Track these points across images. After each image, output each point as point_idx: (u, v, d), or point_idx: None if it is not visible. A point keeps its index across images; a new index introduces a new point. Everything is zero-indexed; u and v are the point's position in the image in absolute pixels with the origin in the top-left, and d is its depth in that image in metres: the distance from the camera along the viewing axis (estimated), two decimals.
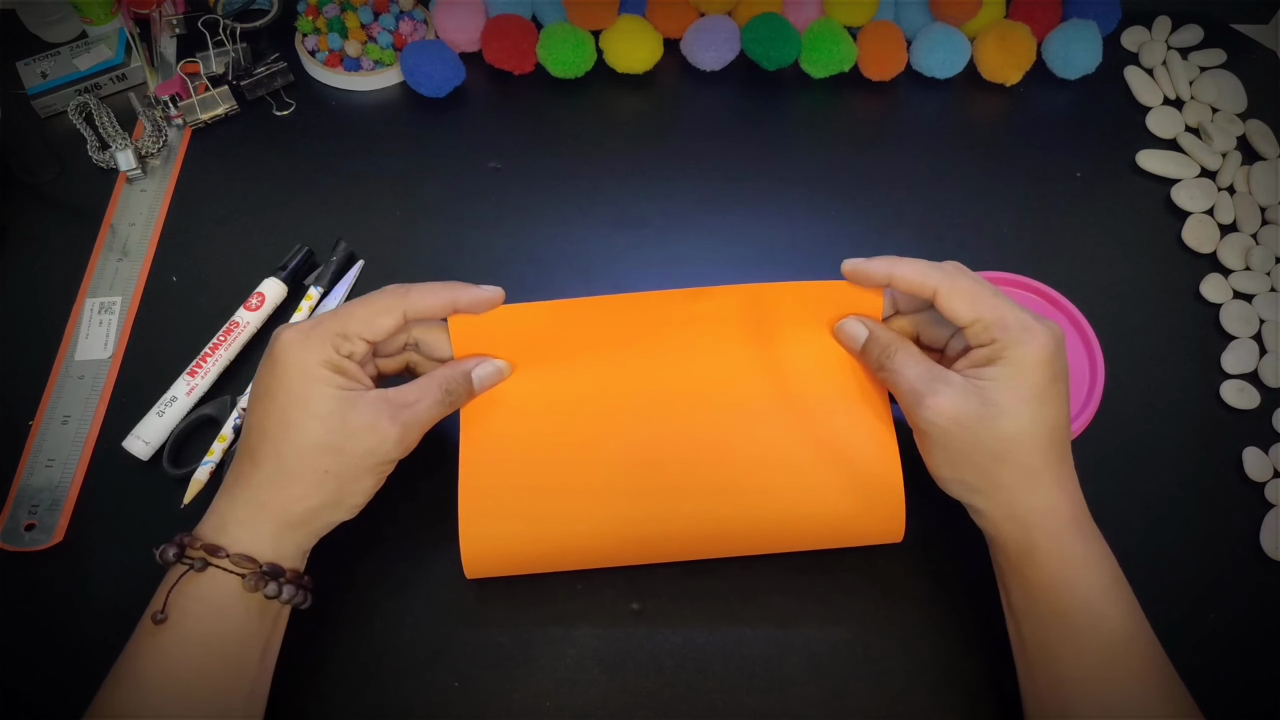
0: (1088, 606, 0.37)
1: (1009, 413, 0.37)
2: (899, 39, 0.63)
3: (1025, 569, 0.38)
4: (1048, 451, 0.38)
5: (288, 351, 0.38)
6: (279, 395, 0.38)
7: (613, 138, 0.61)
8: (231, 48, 0.62)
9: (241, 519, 0.38)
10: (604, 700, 0.41)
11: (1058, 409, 0.38)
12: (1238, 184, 0.59)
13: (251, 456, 0.38)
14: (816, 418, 0.43)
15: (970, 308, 0.39)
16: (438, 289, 0.41)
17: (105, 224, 0.56)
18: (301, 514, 0.38)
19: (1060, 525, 0.38)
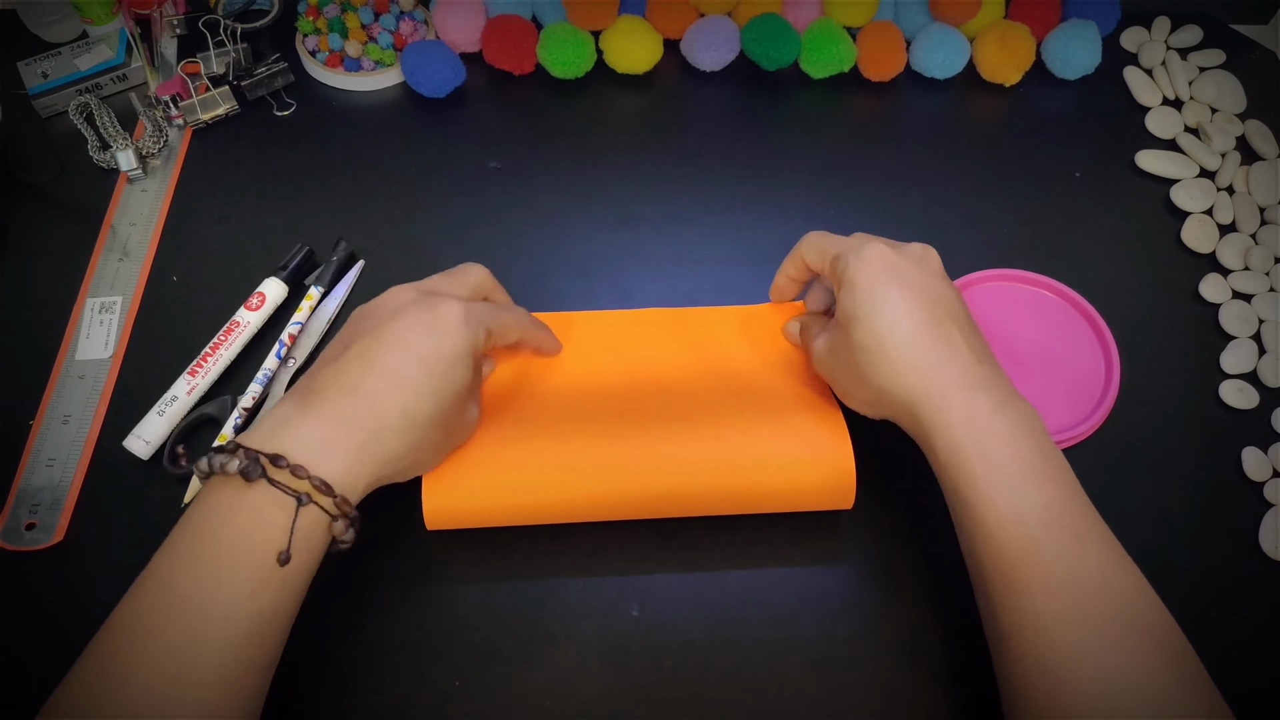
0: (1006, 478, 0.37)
1: (856, 322, 0.40)
2: (899, 39, 0.63)
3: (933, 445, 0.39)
4: (912, 340, 0.39)
5: (456, 327, 0.38)
6: (427, 358, 0.37)
7: (613, 138, 0.61)
8: (232, 48, 0.62)
9: (327, 440, 0.36)
10: (604, 699, 0.41)
11: (900, 299, 0.40)
12: (1237, 184, 0.59)
13: (355, 390, 0.37)
14: (767, 400, 0.46)
15: (817, 255, 0.44)
16: (546, 335, 0.45)
17: (106, 224, 0.56)
18: (386, 457, 0.37)
19: (955, 393, 0.38)
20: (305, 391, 0.38)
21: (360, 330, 0.39)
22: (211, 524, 0.35)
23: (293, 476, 0.35)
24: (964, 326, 0.41)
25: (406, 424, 0.37)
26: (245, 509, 0.34)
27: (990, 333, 0.52)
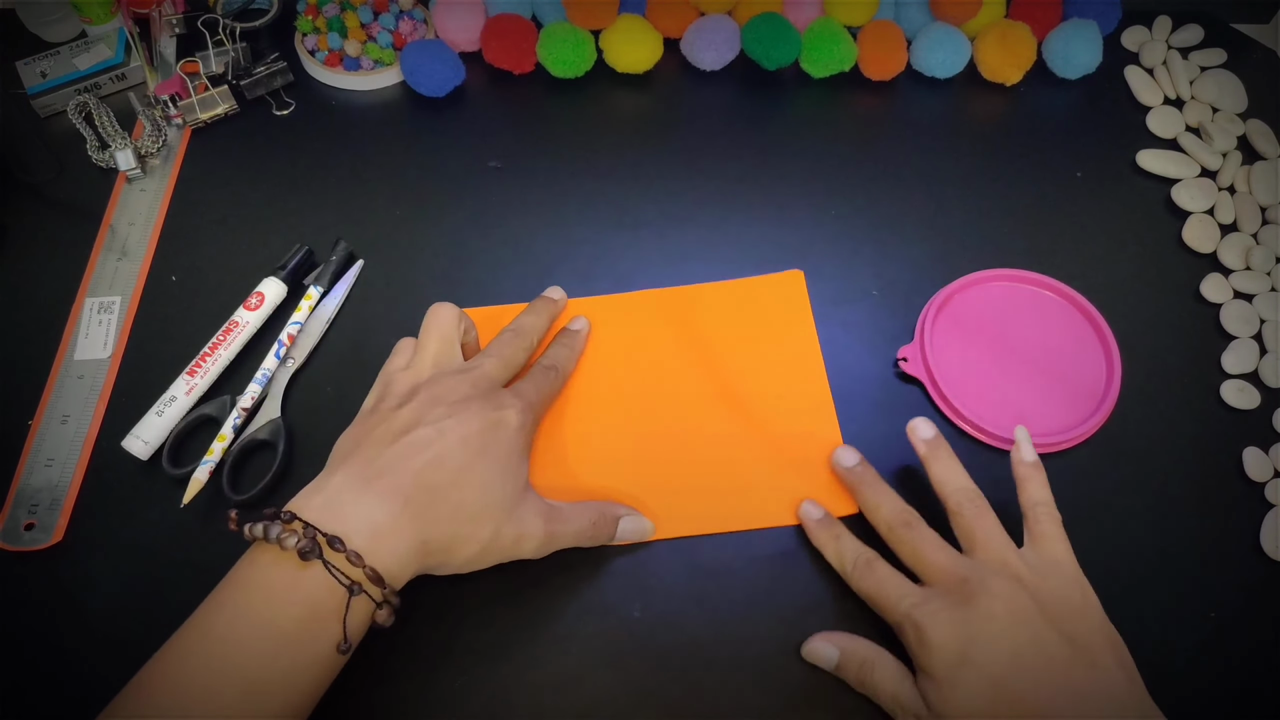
0: None
1: (935, 705, 0.37)
2: (899, 38, 0.63)
3: None
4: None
5: (519, 430, 0.41)
6: (491, 461, 0.39)
7: (613, 138, 0.61)
8: (231, 47, 0.62)
9: (386, 528, 0.36)
10: (607, 699, 0.41)
11: (973, 691, 0.36)
12: (1238, 184, 0.59)
13: (418, 483, 0.37)
14: (760, 407, 0.49)
15: (870, 598, 0.41)
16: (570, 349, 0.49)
17: (105, 223, 0.56)
18: (438, 552, 0.38)
19: None
20: (366, 468, 0.37)
21: (421, 415, 0.39)
22: (265, 598, 0.35)
23: (348, 563, 0.35)
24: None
25: (465, 519, 0.38)
26: (301, 589, 0.34)
27: (990, 333, 0.52)
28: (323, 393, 0.50)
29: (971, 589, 0.38)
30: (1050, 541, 0.40)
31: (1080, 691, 0.35)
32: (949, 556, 0.40)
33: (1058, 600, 0.38)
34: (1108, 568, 0.45)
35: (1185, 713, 0.42)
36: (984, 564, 0.39)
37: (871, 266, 0.55)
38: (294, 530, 0.35)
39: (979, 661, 0.36)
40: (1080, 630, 0.37)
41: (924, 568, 0.40)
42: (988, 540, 0.40)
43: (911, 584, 0.40)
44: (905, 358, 0.51)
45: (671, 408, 0.49)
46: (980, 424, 0.48)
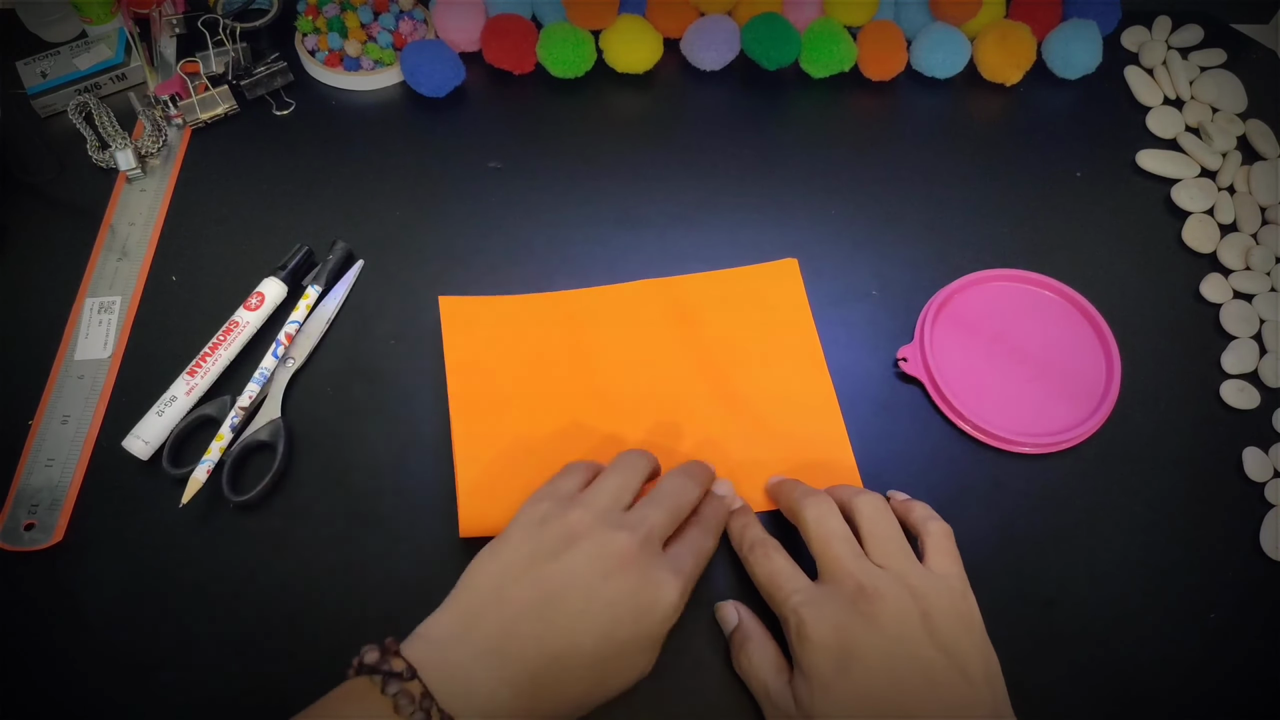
0: None
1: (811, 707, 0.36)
2: (899, 39, 0.63)
3: None
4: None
5: (671, 611, 0.37)
6: (630, 642, 0.36)
7: (613, 138, 0.61)
8: (231, 47, 0.62)
9: (495, 713, 0.33)
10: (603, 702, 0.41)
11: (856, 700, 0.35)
12: (1238, 184, 0.59)
13: (549, 666, 0.34)
14: (759, 394, 0.49)
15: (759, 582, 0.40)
16: (723, 514, 0.43)
17: (105, 224, 0.56)
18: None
19: None
20: (504, 637, 0.35)
21: (574, 571, 0.36)
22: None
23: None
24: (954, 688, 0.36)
25: (586, 702, 0.36)
26: None
27: (990, 333, 0.52)
28: (323, 393, 0.50)
29: (865, 594, 0.37)
30: (943, 556, 0.40)
31: (949, 705, 0.35)
32: (854, 557, 0.39)
33: (943, 613, 0.37)
34: (1108, 568, 0.45)
35: (1186, 713, 0.42)
36: (882, 573, 0.38)
37: (871, 266, 0.55)
38: (411, 695, 0.32)
39: (856, 671, 0.36)
40: (961, 645, 0.37)
41: (827, 560, 0.39)
42: (887, 547, 0.39)
43: (806, 578, 0.39)
44: (905, 358, 0.51)
45: (669, 396, 0.49)
46: (980, 424, 0.48)
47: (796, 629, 0.37)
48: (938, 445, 0.49)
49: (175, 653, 0.42)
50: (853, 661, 0.36)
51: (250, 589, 0.43)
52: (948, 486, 0.47)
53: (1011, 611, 0.44)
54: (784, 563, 0.40)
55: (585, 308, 0.52)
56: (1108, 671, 0.43)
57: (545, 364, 0.50)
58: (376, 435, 0.48)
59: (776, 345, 0.51)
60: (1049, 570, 0.45)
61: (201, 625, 0.42)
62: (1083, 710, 0.41)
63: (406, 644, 0.35)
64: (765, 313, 0.52)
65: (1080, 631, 0.44)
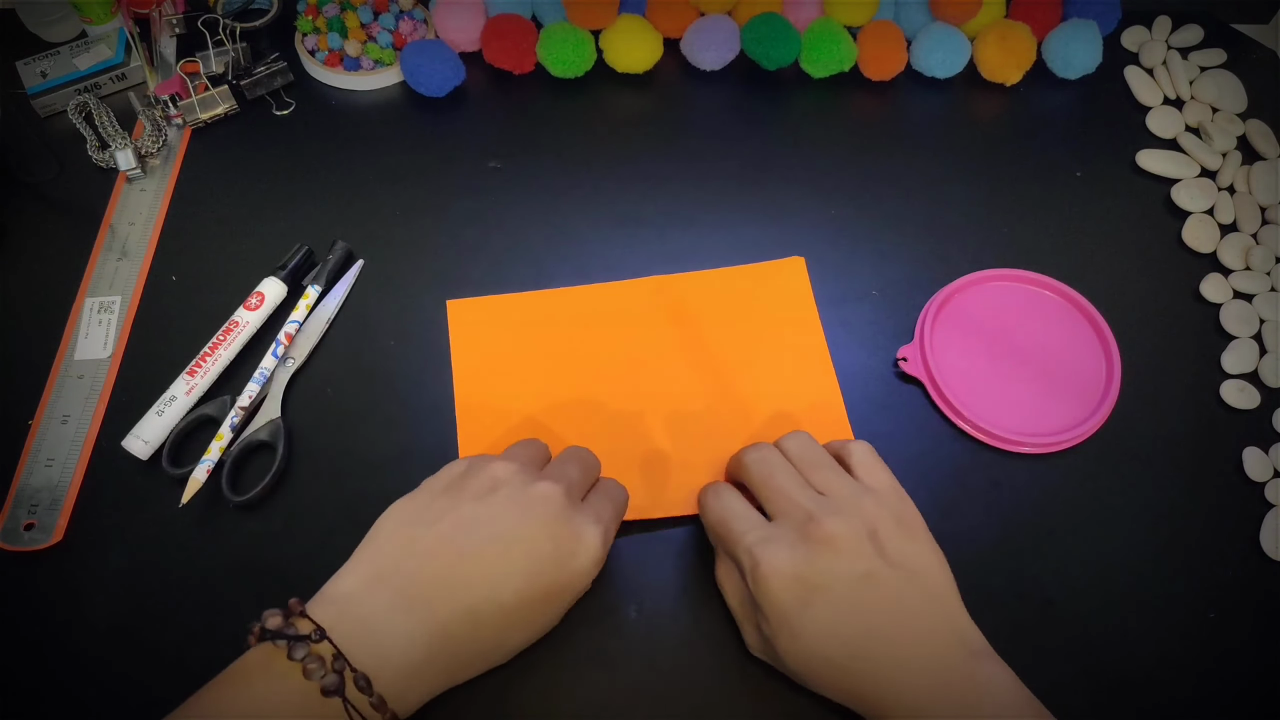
0: None
1: (785, 659, 0.37)
2: (899, 39, 0.63)
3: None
4: (841, 665, 0.36)
5: (592, 564, 0.36)
6: (554, 592, 0.36)
7: (613, 138, 0.61)
8: (231, 47, 0.62)
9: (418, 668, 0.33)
10: (601, 701, 0.41)
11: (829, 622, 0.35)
12: (1238, 184, 0.59)
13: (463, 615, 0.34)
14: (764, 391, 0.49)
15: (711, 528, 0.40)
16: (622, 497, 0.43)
17: (105, 223, 0.56)
18: (459, 680, 0.36)
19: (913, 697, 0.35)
20: (413, 587, 0.34)
21: (487, 522, 0.35)
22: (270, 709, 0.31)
23: (370, 708, 0.32)
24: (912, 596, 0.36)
25: (497, 654, 0.37)
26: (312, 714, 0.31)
27: (990, 333, 0.52)
28: (323, 393, 0.50)
29: (815, 520, 0.37)
30: (872, 470, 0.40)
31: (911, 615, 0.36)
32: (798, 487, 0.39)
33: (888, 526, 0.37)
34: (1107, 568, 0.45)
35: (1185, 712, 0.42)
36: (826, 499, 0.38)
37: (871, 266, 0.55)
38: (321, 658, 0.31)
39: (818, 605, 0.35)
40: (909, 553, 0.37)
41: (771, 493, 0.39)
42: (822, 474, 0.40)
43: (759, 516, 0.39)
44: (905, 358, 0.51)
45: (675, 391, 0.49)
46: (980, 424, 0.48)
47: (752, 570, 0.36)
48: (938, 445, 0.49)
49: (175, 652, 0.42)
50: (813, 594, 0.35)
51: (250, 589, 0.43)
52: (948, 486, 0.47)
53: (1011, 611, 0.44)
54: (735, 502, 0.40)
55: (592, 304, 0.52)
56: (1107, 671, 0.43)
57: (552, 361, 0.50)
58: (376, 435, 0.48)
59: (782, 343, 0.51)
60: (1049, 570, 0.45)
61: (202, 625, 0.42)
62: (1083, 710, 0.41)
63: (312, 604, 0.34)
64: (772, 310, 0.52)
65: (1080, 631, 0.44)
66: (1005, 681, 0.35)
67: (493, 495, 0.36)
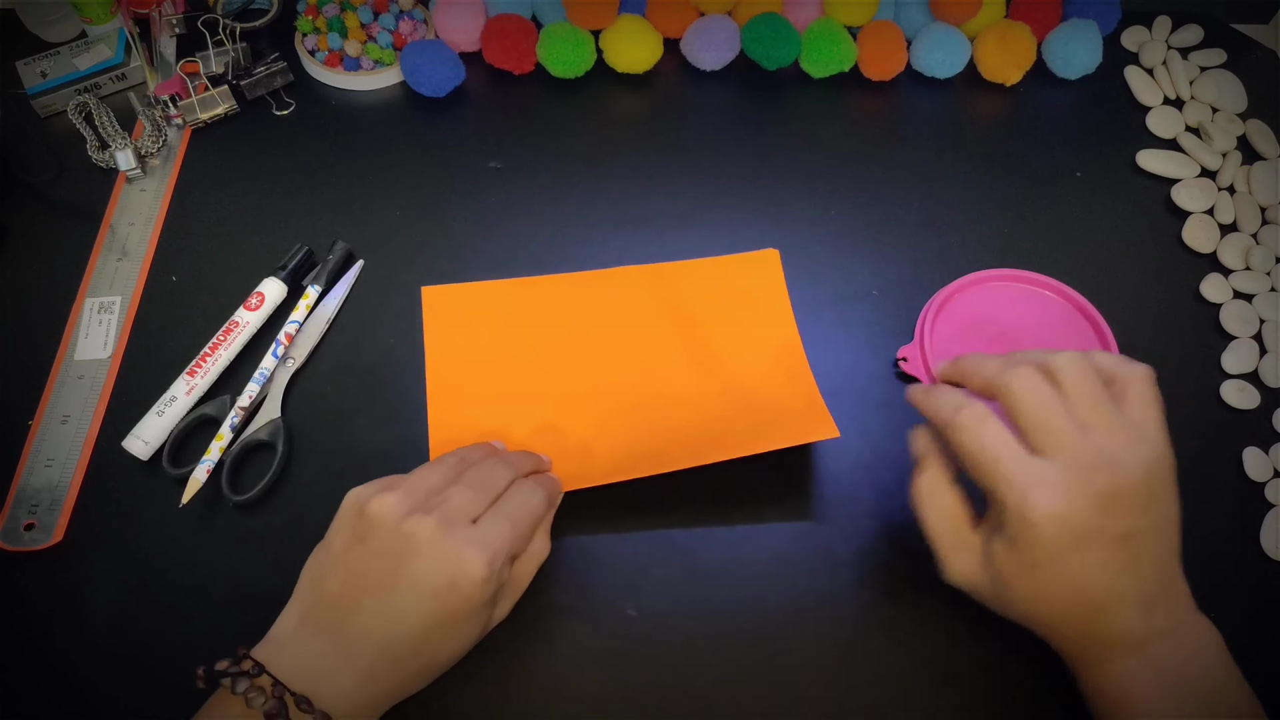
0: None
1: (1015, 592, 0.36)
2: (899, 39, 0.63)
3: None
4: (1082, 619, 0.36)
5: (479, 583, 0.36)
6: (449, 617, 0.36)
7: (613, 138, 0.61)
8: (231, 47, 0.62)
9: (352, 690, 0.36)
10: (601, 697, 0.41)
11: (1083, 576, 0.35)
12: (1238, 184, 0.59)
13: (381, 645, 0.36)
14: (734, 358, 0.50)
15: (969, 455, 0.36)
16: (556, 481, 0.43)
17: (105, 224, 0.56)
18: (399, 698, 0.38)
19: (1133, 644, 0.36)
20: (333, 629, 0.36)
21: (373, 563, 0.37)
22: None
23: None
24: (1154, 563, 0.37)
25: (429, 672, 0.38)
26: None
27: (990, 333, 0.52)
28: (323, 393, 0.50)
29: (1107, 470, 0.35)
30: (1147, 408, 0.37)
31: (1151, 565, 0.37)
32: (1077, 430, 0.35)
33: (1156, 478, 0.36)
34: None
35: None
36: (1108, 448, 0.35)
37: (871, 266, 0.55)
38: (261, 689, 0.34)
39: (1073, 558, 0.35)
40: (1165, 508, 0.37)
41: (1048, 433, 0.35)
42: (1099, 410, 0.36)
43: (1024, 450, 0.36)
44: (905, 357, 0.51)
45: (647, 379, 0.49)
46: None
47: (1020, 508, 0.34)
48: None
49: (175, 652, 0.42)
50: (1076, 545, 0.35)
51: (250, 589, 0.43)
52: None
53: None
54: (1001, 429, 0.36)
55: (566, 291, 0.53)
56: None
57: (524, 348, 0.51)
58: (376, 435, 0.48)
59: (755, 331, 0.51)
60: None
61: (201, 625, 0.42)
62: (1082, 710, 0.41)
63: (257, 648, 0.37)
64: (745, 299, 0.52)
65: None
66: (1216, 638, 0.37)
67: (371, 536, 0.37)
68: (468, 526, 0.37)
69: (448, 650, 0.38)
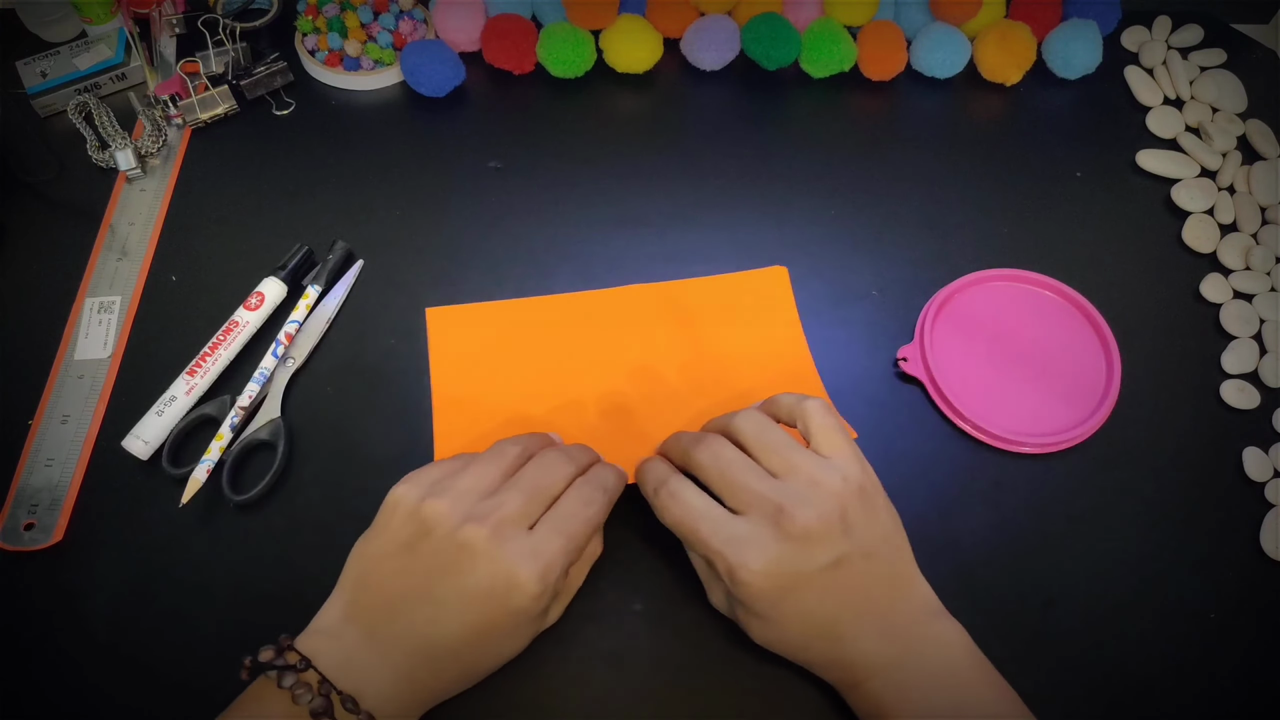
0: None
1: (757, 636, 0.38)
2: (899, 39, 0.63)
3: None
4: (823, 652, 0.38)
5: (533, 598, 0.35)
6: (500, 628, 0.36)
7: (613, 138, 0.61)
8: (231, 47, 0.62)
9: (396, 693, 0.35)
10: (607, 698, 0.41)
11: (808, 614, 0.37)
12: (1238, 184, 0.59)
13: (428, 649, 0.36)
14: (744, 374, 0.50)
15: (675, 529, 0.39)
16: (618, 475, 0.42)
17: (105, 223, 0.56)
18: (441, 699, 0.38)
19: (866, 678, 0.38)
20: (379, 626, 0.36)
21: (423, 569, 0.36)
22: None
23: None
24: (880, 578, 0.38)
25: (470, 677, 0.38)
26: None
27: (990, 333, 0.52)
28: (323, 393, 0.50)
29: (786, 514, 0.36)
30: (830, 436, 0.39)
31: (875, 583, 0.37)
32: (759, 479, 0.37)
33: (854, 503, 0.37)
34: (1107, 568, 0.45)
35: (1185, 712, 0.42)
36: (792, 486, 0.37)
37: (871, 266, 0.55)
38: (308, 685, 0.34)
39: (791, 600, 0.36)
40: (866, 528, 0.38)
41: (735, 491, 0.38)
42: (782, 456, 0.38)
43: (722, 510, 0.38)
44: (905, 358, 0.51)
45: (655, 399, 0.49)
46: (980, 424, 0.48)
47: (728, 573, 0.36)
48: (938, 445, 0.49)
49: (175, 653, 0.42)
50: (789, 589, 0.36)
51: (250, 589, 0.43)
52: (948, 486, 0.47)
53: (1011, 611, 0.44)
54: (695, 499, 0.38)
55: (573, 311, 0.52)
56: (1107, 671, 0.43)
57: (532, 369, 0.50)
58: (376, 435, 0.48)
59: (764, 348, 0.51)
60: (1049, 570, 0.45)
61: (201, 625, 0.42)
62: (1082, 709, 0.41)
63: (301, 637, 0.36)
64: (752, 315, 0.52)
65: (1080, 631, 0.44)
66: (959, 638, 0.38)
67: (424, 542, 0.36)
68: (523, 536, 0.36)
69: (492, 657, 0.37)
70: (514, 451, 0.40)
